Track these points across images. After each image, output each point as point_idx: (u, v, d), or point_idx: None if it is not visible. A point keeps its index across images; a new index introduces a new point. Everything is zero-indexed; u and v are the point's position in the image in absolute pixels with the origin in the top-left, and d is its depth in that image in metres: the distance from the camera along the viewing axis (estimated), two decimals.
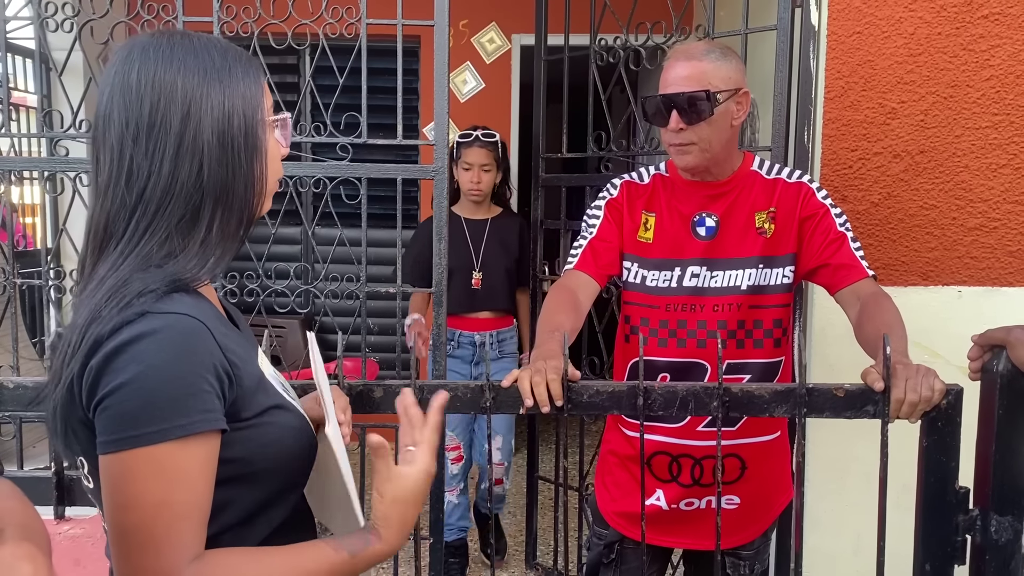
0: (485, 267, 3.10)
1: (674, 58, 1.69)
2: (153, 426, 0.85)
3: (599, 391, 1.33)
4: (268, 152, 1.00)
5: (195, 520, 0.87)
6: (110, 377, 0.86)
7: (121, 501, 0.86)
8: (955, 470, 1.30)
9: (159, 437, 0.85)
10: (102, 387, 0.86)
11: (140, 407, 0.85)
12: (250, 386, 0.95)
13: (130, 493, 0.85)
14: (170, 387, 0.86)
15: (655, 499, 1.77)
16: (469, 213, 3.17)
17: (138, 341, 0.86)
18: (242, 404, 0.93)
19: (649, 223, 1.76)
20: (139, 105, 0.92)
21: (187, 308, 0.90)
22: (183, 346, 0.87)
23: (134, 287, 0.89)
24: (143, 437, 0.85)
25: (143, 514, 0.85)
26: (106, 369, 0.86)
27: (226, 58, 0.97)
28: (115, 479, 0.86)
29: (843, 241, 1.69)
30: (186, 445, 0.86)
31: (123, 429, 0.85)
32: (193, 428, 0.86)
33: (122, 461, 0.85)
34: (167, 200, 0.92)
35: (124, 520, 0.86)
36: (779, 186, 1.74)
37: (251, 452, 0.94)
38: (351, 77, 2.37)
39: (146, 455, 0.85)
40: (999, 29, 2.17)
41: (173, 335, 0.87)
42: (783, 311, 1.74)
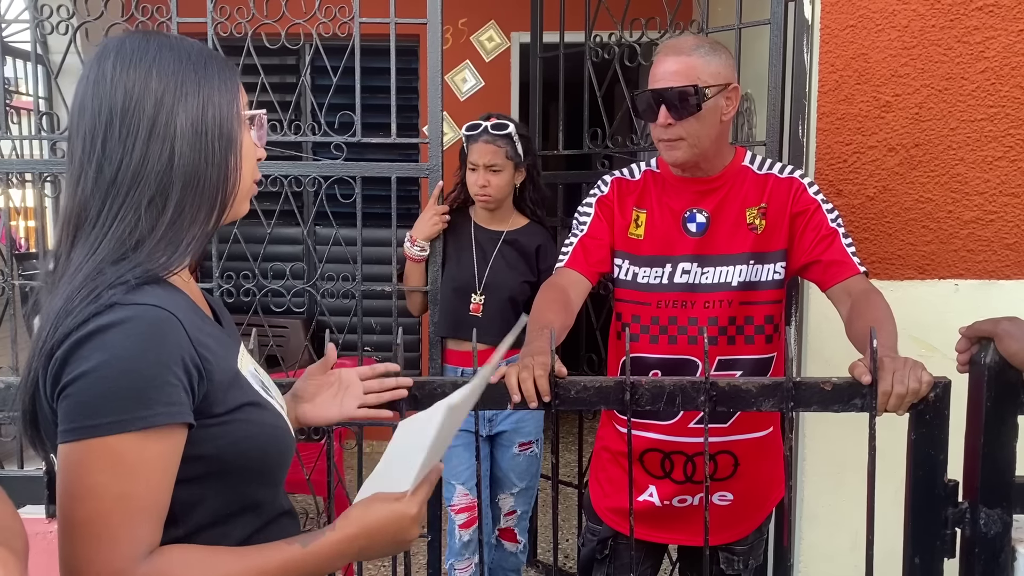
0: (488, 291, 2.49)
1: (663, 53, 1.69)
2: (112, 416, 0.84)
3: (586, 387, 1.34)
4: (244, 147, 1.00)
5: (151, 515, 0.86)
6: (73, 366, 0.85)
7: (75, 492, 0.85)
8: (944, 463, 1.30)
9: (118, 428, 0.84)
10: (65, 375, 0.86)
11: (100, 396, 0.84)
12: (222, 381, 0.94)
13: (85, 484, 0.84)
14: (133, 378, 0.85)
15: (648, 495, 1.77)
16: (484, 221, 2.56)
17: (104, 331, 0.86)
18: (213, 399, 0.92)
19: (640, 220, 1.76)
20: (112, 93, 0.93)
21: (157, 300, 0.89)
22: (150, 337, 0.87)
23: (106, 279, 0.88)
24: (101, 427, 0.84)
25: (97, 506, 0.84)
26: (71, 358, 0.86)
27: (202, 55, 0.98)
28: (71, 469, 0.85)
29: (834, 237, 1.68)
30: (146, 438, 0.85)
31: (82, 418, 0.85)
32: (154, 421, 0.85)
33: (79, 451, 0.85)
34: (137, 182, 0.92)
35: (77, 511, 0.85)
36: (770, 181, 1.73)
37: (222, 449, 0.93)
38: (346, 76, 2.37)
39: (104, 446, 0.84)
40: (993, 21, 2.16)
41: (140, 326, 0.86)
42: (775, 307, 1.74)
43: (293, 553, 0.92)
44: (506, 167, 2.44)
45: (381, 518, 0.96)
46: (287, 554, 0.92)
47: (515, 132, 2.44)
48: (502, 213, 2.55)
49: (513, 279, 2.50)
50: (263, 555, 0.92)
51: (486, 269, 2.50)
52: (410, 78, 4.40)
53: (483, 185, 2.44)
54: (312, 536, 0.95)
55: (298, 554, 0.92)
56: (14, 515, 0.88)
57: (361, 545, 0.96)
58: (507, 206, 2.55)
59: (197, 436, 0.91)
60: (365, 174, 2.44)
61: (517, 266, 2.52)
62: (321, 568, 0.94)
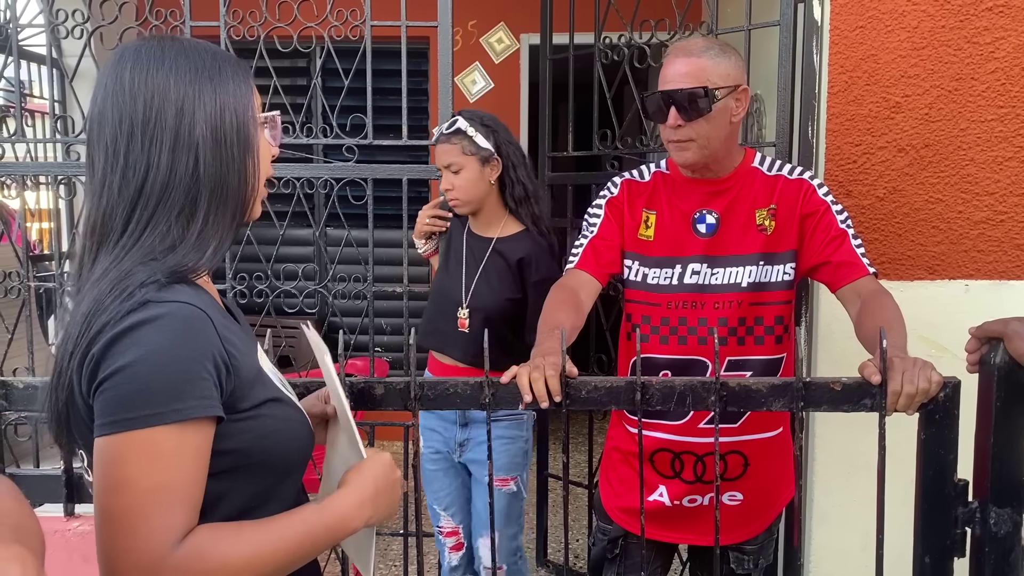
0: (474, 306, 2.24)
1: (673, 55, 1.69)
2: (149, 409, 0.87)
3: (597, 387, 1.34)
4: (260, 149, 1.03)
5: (186, 504, 0.89)
6: (110, 361, 0.88)
7: (113, 483, 0.87)
8: (953, 463, 1.30)
9: (155, 420, 0.87)
10: (102, 371, 0.88)
11: (137, 390, 0.87)
12: (248, 377, 0.97)
13: (123, 475, 0.86)
14: (168, 372, 0.87)
15: (658, 495, 1.78)
16: (477, 227, 2.32)
17: (139, 327, 0.88)
18: (240, 395, 0.95)
19: (650, 221, 1.76)
20: (132, 103, 0.95)
21: (188, 297, 0.92)
22: (183, 333, 0.89)
23: (137, 278, 0.91)
24: (139, 420, 0.86)
25: (135, 497, 0.86)
26: (107, 354, 0.88)
27: (216, 59, 1.00)
28: (109, 461, 0.87)
29: (844, 238, 1.69)
30: (181, 430, 0.88)
31: (119, 411, 0.87)
32: (189, 413, 0.88)
33: (117, 443, 0.87)
34: (167, 193, 0.95)
35: (115, 503, 0.87)
36: (780, 183, 1.74)
37: (248, 444, 0.96)
38: (357, 79, 2.39)
39: (141, 438, 0.87)
40: (1004, 21, 2.16)
41: (174, 322, 0.89)
42: (785, 308, 1.74)
43: (310, 514, 0.97)
44: (467, 164, 2.20)
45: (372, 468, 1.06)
46: (304, 514, 0.97)
47: (468, 125, 2.21)
48: (490, 216, 2.29)
49: (494, 297, 2.23)
50: (283, 520, 0.95)
51: (474, 280, 2.27)
52: (420, 80, 4.41)
53: (447, 188, 2.24)
54: (325, 498, 1.01)
55: (315, 514, 0.97)
56: (31, 514, 0.90)
57: (370, 492, 1.03)
58: (494, 208, 2.28)
59: (225, 430, 0.93)
60: (376, 176, 2.46)
61: (503, 280, 2.24)
62: (340, 525, 0.99)
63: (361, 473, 1.04)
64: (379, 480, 1.05)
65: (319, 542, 0.97)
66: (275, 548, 0.92)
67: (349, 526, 1.00)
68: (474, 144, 2.20)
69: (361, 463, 1.06)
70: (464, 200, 2.23)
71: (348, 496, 1.01)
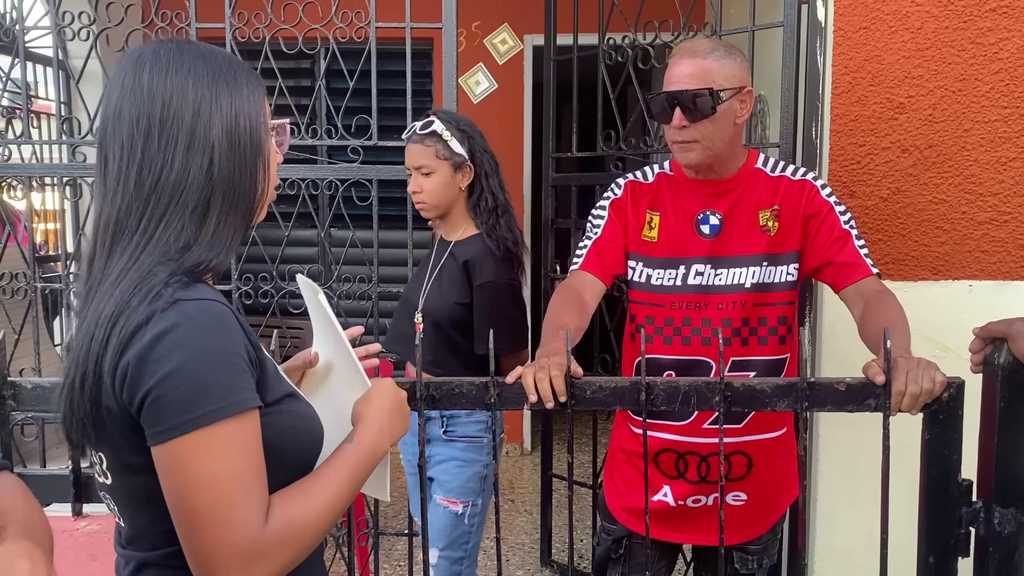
0: (425, 310, 2.16)
1: (678, 55, 1.70)
2: (212, 405, 0.89)
3: (602, 387, 1.35)
4: (270, 156, 1.04)
5: (262, 485, 0.92)
6: (155, 367, 0.88)
7: (193, 483, 0.88)
8: (957, 462, 1.30)
9: (220, 415, 0.89)
10: (148, 377, 0.88)
11: (195, 391, 0.88)
12: (271, 372, 1.00)
13: (202, 473, 0.88)
14: (217, 369, 0.90)
15: (662, 495, 1.78)
16: (443, 231, 2.25)
17: (176, 329, 0.89)
18: (265, 388, 0.97)
19: (654, 222, 1.77)
20: (150, 103, 0.96)
21: (214, 295, 0.94)
22: (220, 329, 0.92)
23: (160, 277, 0.92)
24: (204, 417, 0.88)
25: (219, 491, 0.88)
26: (148, 359, 0.88)
27: (232, 65, 1.01)
28: (182, 464, 0.88)
29: (847, 239, 1.69)
30: (242, 420, 0.91)
31: (181, 414, 0.88)
32: (245, 404, 0.91)
33: (187, 444, 0.88)
34: (179, 192, 0.96)
35: (200, 501, 0.88)
36: (783, 183, 1.74)
37: (270, 438, 0.97)
38: (362, 80, 2.40)
39: (210, 435, 0.88)
40: (1007, 22, 2.16)
41: (210, 318, 0.91)
42: (788, 309, 1.75)
43: (350, 452, 1.04)
44: (439, 168, 2.11)
45: (379, 395, 1.13)
46: (345, 454, 1.04)
47: (444, 128, 2.11)
48: (454, 222, 2.20)
49: (443, 302, 2.13)
50: (332, 464, 1.03)
51: (429, 284, 2.20)
52: (424, 81, 4.42)
53: (415, 191, 2.15)
54: (350, 434, 1.08)
55: (353, 450, 1.05)
56: (39, 511, 0.91)
57: (385, 417, 1.11)
58: (460, 214, 2.19)
59: None
60: (381, 177, 2.47)
61: (453, 284, 2.14)
62: (373, 452, 1.07)
63: (371, 402, 1.11)
64: (387, 404, 1.12)
65: (364, 471, 1.05)
66: (338, 490, 0.99)
67: (380, 451, 1.08)
68: (448, 148, 2.11)
69: (367, 394, 1.13)
70: (431, 205, 2.15)
71: (371, 425, 1.08)
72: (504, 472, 4.53)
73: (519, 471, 4.60)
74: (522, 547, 3.61)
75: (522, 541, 3.67)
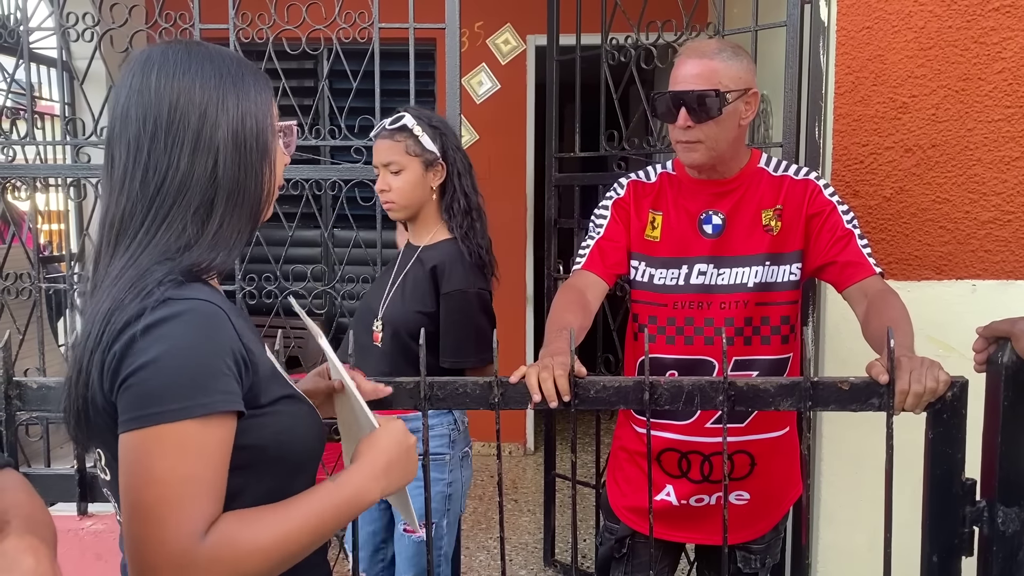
0: (386, 318, 2.02)
1: (685, 55, 1.70)
2: (176, 403, 0.88)
3: (606, 386, 1.35)
4: (276, 157, 1.05)
5: (213, 496, 0.90)
6: (133, 358, 0.89)
7: (143, 477, 0.88)
8: (961, 462, 1.30)
9: (182, 414, 0.88)
10: (125, 368, 0.89)
11: (164, 385, 0.88)
12: (265, 374, 0.99)
13: (152, 469, 0.88)
14: (192, 367, 0.89)
15: (665, 494, 1.79)
16: (412, 235, 2.12)
17: (162, 324, 0.89)
18: (258, 390, 0.97)
19: (656, 222, 1.77)
20: (158, 104, 0.96)
21: (206, 295, 0.94)
22: (205, 329, 0.91)
23: (155, 276, 0.92)
24: (166, 414, 0.88)
25: (164, 490, 0.87)
26: (130, 351, 0.89)
27: (240, 66, 1.02)
28: (138, 456, 0.89)
29: (850, 238, 1.69)
30: (207, 424, 0.89)
31: (146, 406, 0.88)
32: (214, 407, 0.90)
33: (145, 437, 0.88)
34: (183, 192, 0.96)
35: (145, 495, 0.88)
36: (786, 183, 1.74)
37: (266, 440, 0.97)
38: (365, 80, 2.40)
39: (169, 432, 0.88)
40: (1010, 22, 2.16)
41: (196, 318, 0.91)
42: (791, 308, 1.75)
43: (328, 491, 0.99)
44: (409, 165, 2.00)
45: (383, 438, 1.07)
46: (322, 492, 0.99)
47: (415, 123, 2.00)
48: (424, 224, 2.07)
49: (403, 310, 2.00)
50: (304, 499, 0.97)
51: (386, 299, 2.06)
52: (426, 81, 4.43)
53: (383, 189, 2.03)
54: (340, 472, 1.03)
55: (332, 490, 0.99)
56: (43, 508, 0.92)
57: (383, 464, 1.04)
58: (431, 216, 2.07)
59: (244, 426, 0.95)
60: None
61: (416, 291, 2.01)
62: (356, 498, 1.01)
63: (373, 445, 1.06)
64: (391, 450, 1.06)
65: (341, 516, 0.99)
66: (299, 526, 0.94)
67: (365, 499, 1.02)
68: (419, 145, 2.00)
69: (373, 434, 1.08)
70: (400, 204, 2.02)
71: (361, 470, 1.03)
72: (507, 472, 4.54)
73: (522, 471, 4.60)
74: (525, 547, 3.61)
75: (525, 541, 3.67)
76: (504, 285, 2.91)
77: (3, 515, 0.82)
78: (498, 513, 1.44)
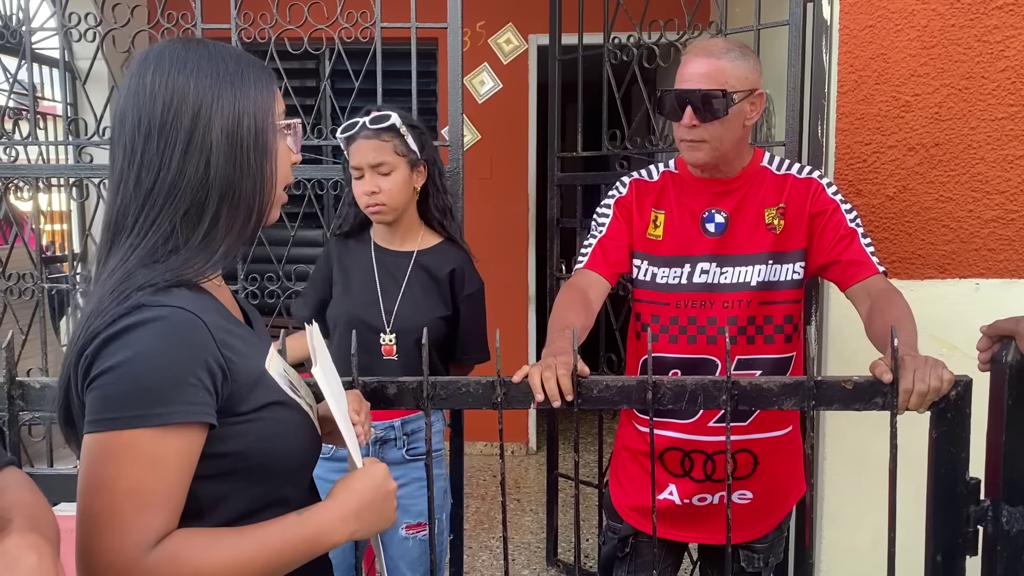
0: (400, 328, 1.96)
1: (693, 53, 1.69)
2: (131, 411, 0.87)
3: (609, 386, 1.35)
4: (278, 155, 1.03)
5: (163, 509, 0.88)
6: (101, 362, 0.88)
7: (94, 481, 0.87)
8: (965, 461, 1.30)
9: (136, 423, 0.87)
10: (94, 370, 0.89)
11: (122, 392, 0.87)
12: (247, 381, 0.96)
13: (103, 475, 0.87)
14: (155, 376, 0.88)
15: (668, 494, 1.78)
16: (386, 240, 2.03)
17: (131, 330, 0.89)
18: (238, 399, 0.95)
19: (659, 220, 1.77)
20: (152, 104, 0.95)
21: (183, 302, 0.92)
22: (173, 338, 0.89)
23: (135, 281, 0.92)
24: (120, 421, 0.87)
25: (113, 497, 0.86)
26: (99, 355, 0.89)
27: (239, 64, 1.00)
28: (91, 459, 0.88)
29: (853, 237, 1.69)
30: (164, 434, 0.88)
31: (104, 411, 0.88)
32: (172, 418, 0.88)
33: (99, 442, 0.88)
34: (173, 194, 0.95)
35: (93, 501, 0.87)
36: (789, 182, 1.74)
37: (247, 446, 0.96)
38: (367, 80, 2.40)
39: (122, 439, 0.87)
40: (1014, 20, 2.15)
41: (165, 326, 0.89)
42: (794, 307, 1.75)
43: (290, 524, 0.95)
44: (398, 166, 1.93)
45: (361, 480, 1.03)
46: (284, 524, 0.95)
47: (401, 122, 1.94)
48: (407, 228, 2.02)
49: (423, 319, 1.92)
50: (262, 529, 0.94)
51: (397, 300, 1.98)
52: (429, 81, 4.42)
53: (372, 192, 1.92)
54: (308, 507, 0.99)
55: (294, 525, 0.95)
56: (46, 506, 0.91)
57: (355, 506, 1.00)
58: (412, 218, 2.02)
59: (223, 433, 0.93)
60: None
61: (430, 300, 1.98)
62: (319, 537, 0.97)
63: (349, 486, 1.02)
64: (366, 494, 1.02)
65: (299, 554, 0.95)
66: (251, 557, 0.91)
67: (329, 539, 0.98)
68: (405, 144, 1.94)
69: (351, 475, 1.04)
70: (391, 207, 1.94)
71: (330, 509, 0.99)
72: (510, 472, 4.54)
73: (525, 470, 4.60)
74: (528, 546, 3.61)
75: (528, 540, 3.67)
76: (506, 285, 2.91)
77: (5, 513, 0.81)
78: (501, 513, 1.44)
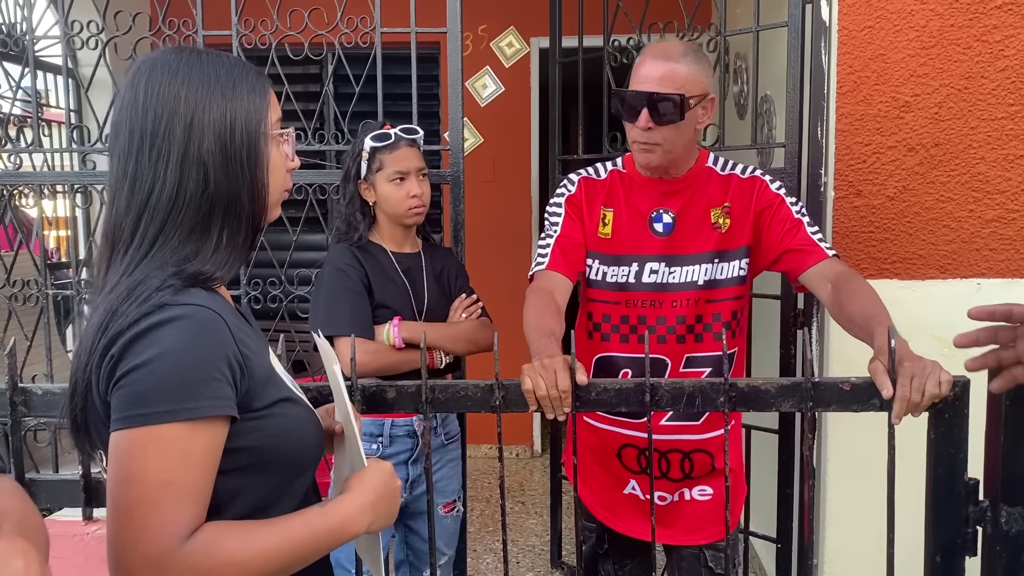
0: (431, 317, 2.15)
1: (651, 55, 1.68)
2: (163, 406, 0.89)
3: (606, 388, 1.35)
4: (272, 164, 1.03)
5: (195, 500, 0.91)
6: (128, 360, 0.90)
7: (126, 476, 0.89)
8: (964, 461, 1.30)
9: (168, 417, 0.89)
10: (120, 369, 0.91)
11: (152, 388, 0.89)
12: (261, 378, 1.00)
13: (136, 469, 0.89)
14: (183, 371, 0.90)
15: (631, 488, 1.82)
16: (395, 245, 2.16)
17: (157, 328, 0.91)
18: (254, 395, 0.98)
19: (607, 218, 1.78)
20: (144, 115, 0.96)
21: (204, 301, 0.95)
22: (199, 334, 0.92)
23: (152, 283, 0.93)
24: (152, 416, 0.89)
25: (146, 491, 0.88)
26: (125, 354, 0.91)
27: (231, 72, 1.01)
28: (122, 455, 0.90)
29: (800, 227, 1.71)
30: (193, 428, 0.90)
31: (134, 407, 0.89)
32: (201, 412, 0.90)
33: (131, 437, 0.89)
34: (177, 209, 0.96)
35: (127, 495, 0.89)
36: (733, 182, 1.76)
37: (262, 442, 0.98)
38: (368, 85, 2.41)
39: (154, 434, 0.89)
40: (1013, 19, 2.15)
41: (190, 323, 0.92)
42: (738, 303, 1.77)
43: (313, 516, 0.98)
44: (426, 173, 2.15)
45: (373, 475, 1.07)
46: (308, 516, 0.98)
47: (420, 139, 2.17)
48: (408, 232, 2.18)
49: (443, 304, 2.18)
50: (288, 521, 0.97)
51: (424, 294, 2.15)
52: (430, 85, 4.43)
53: (417, 194, 2.08)
54: (327, 501, 1.03)
55: (318, 517, 0.98)
56: (35, 512, 0.93)
57: (372, 499, 1.04)
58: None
59: (239, 429, 0.96)
60: None
61: (447, 287, 2.21)
62: (342, 528, 1.00)
63: (363, 480, 1.06)
64: (379, 487, 1.06)
65: (321, 544, 0.98)
66: (279, 547, 0.94)
67: (350, 530, 1.01)
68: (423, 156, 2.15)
69: (363, 470, 1.08)
70: (424, 211, 2.13)
71: (351, 501, 1.02)
72: (514, 474, 4.54)
73: (529, 473, 4.60)
74: (532, 549, 3.61)
75: (532, 543, 3.67)
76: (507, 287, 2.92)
77: None
78: (501, 516, 1.45)
